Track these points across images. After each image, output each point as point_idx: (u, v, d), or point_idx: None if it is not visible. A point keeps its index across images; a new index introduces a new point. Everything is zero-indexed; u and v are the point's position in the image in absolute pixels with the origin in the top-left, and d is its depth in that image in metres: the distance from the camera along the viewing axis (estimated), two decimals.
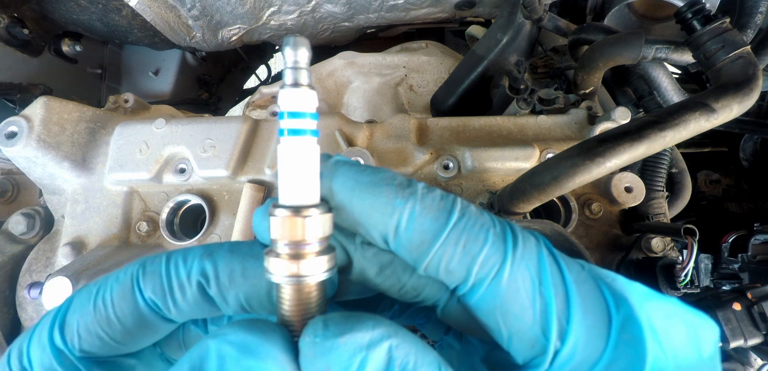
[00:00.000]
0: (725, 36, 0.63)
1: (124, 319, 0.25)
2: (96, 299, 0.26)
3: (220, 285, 0.25)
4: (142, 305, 0.25)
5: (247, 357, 0.21)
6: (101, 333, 0.26)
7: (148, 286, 0.25)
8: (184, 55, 1.51)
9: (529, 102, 0.83)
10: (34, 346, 0.26)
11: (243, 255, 0.25)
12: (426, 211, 0.24)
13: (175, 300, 0.25)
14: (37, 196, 0.87)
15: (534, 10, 0.88)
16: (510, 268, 0.24)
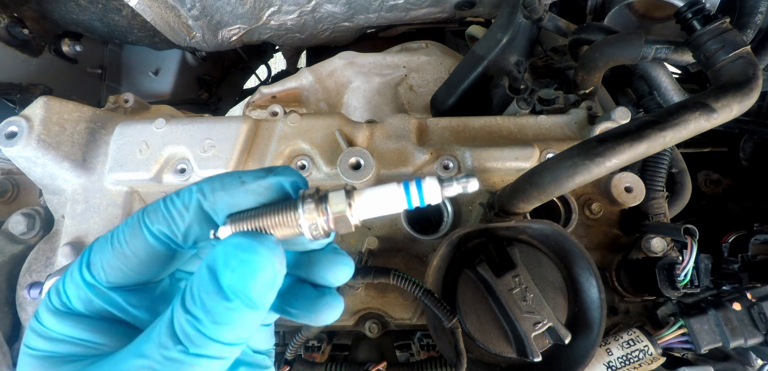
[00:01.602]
0: (725, 36, 0.63)
1: (137, 252, 0.32)
2: (112, 241, 0.32)
3: (209, 201, 0.31)
4: (150, 239, 0.31)
5: (242, 251, 0.28)
6: (121, 266, 0.32)
7: (154, 222, 0.31)
8: (184, 55, 1.51)
9: (529, 102, 0.83)
10: (69, 285, 0.32)
11: (220, 177, 0.32)
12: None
13: (178, 225, 0.31)
14: (37, 196, 0.87)
15: (534, 10, 0.88)
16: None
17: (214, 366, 0.28)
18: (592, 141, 0.56)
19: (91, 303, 0.32)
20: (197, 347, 0.27)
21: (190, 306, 0.28)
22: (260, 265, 0.28)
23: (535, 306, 0.60)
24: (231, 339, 0.28)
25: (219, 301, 0.27)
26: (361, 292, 0.74)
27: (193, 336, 0.27)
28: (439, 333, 0.66)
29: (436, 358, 0.75)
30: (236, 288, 0.27)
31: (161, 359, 0.27)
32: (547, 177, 0.56)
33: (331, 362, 0.73)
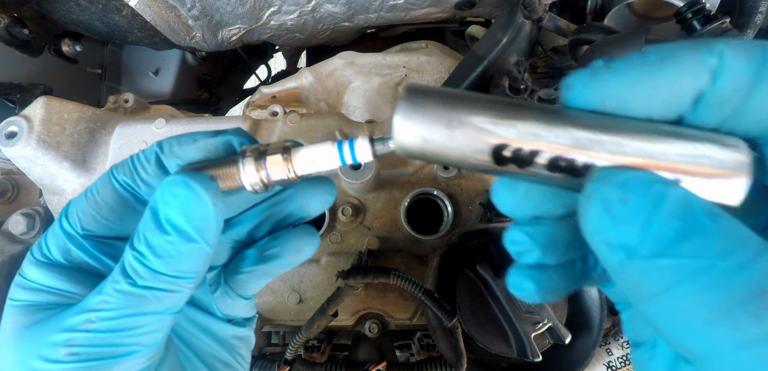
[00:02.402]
0: (725, 36, 0.63)
1: (106, 200, 0.34)
2: (86, 193, 0.35)
3: (165, 155, 0.34)
4: (118, 187, 0.35)
5: (175, 186, 0.30)
6: (93, 213, 0.34)
7: (120, 173, 0.34)
8: (184, 55, 1.51)
9: None
10: (50, 237, 0.35)
11: (178, 136, 0.34)
12: (736, 52, 0.20)
13: (140, 177, 0.34)
14: (37, 196, 0.87)
15: (534, 10, 0.88)
16: None
17: (166, 300, 0.31)
18: None
19: (69, 252, 0.35)
20: (144, 280, 0.30)
21: (136, 243, 0.30)
22: (193, 199, 0.29)
23: (535, 306, 0.60)
24: (175, 271, 0.30)
25: (158, 235, 0.30)
26: (361, 292, 0.74)
27: (139, 270, 0.30)
28: (439, 333, 0.66)
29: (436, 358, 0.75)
30: (172, 221, 0.29)
31: (113, 292, 0.30)
32: None
33: (331, 362, 0.73)
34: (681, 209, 0.19)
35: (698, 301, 0.18)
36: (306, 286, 0.75)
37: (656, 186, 0.20)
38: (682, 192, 0.19)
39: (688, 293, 0.18)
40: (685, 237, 0.18)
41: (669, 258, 0.18)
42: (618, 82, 0.22)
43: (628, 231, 0.19)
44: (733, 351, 0.17)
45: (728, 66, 0.20)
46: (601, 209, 0.20)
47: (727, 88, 0.20)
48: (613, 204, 0.20)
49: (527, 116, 0.23)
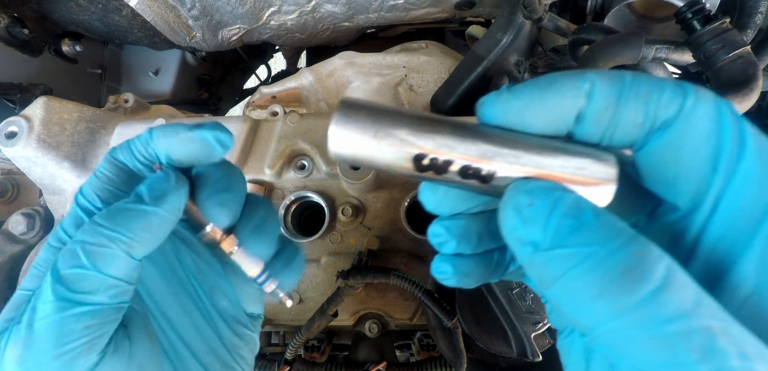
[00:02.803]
0: (725, 36, 0.63)
1: (111, 177, 0.39)
2: (96, 173, 0.39)
3: (153, 144, 0.40)
4: (118, 166, 0.39)
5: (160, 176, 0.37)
6: (103, 187, 0.38)
7: (118, 155, 0.40)
8: (184, 55, 1.51)
9: None
10: (66, 220, 0.37)
11: (167, 126, 0.40)
12: (605, 79, 0.25)
13: (136, 159, 0.40)
14: (37, 196, 0.87)
15: (534, 10, 0.88)
16: (691, 105, 0.25)
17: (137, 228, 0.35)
18: None
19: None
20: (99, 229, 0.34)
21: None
22: (165, 187, 0.37)
23: (535, 306, 0.60)
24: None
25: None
26: (361, 292, 0.74)
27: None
28: (439, 333, 0.66)
29: (436, 358, 0.75)
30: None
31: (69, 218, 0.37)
32: None
33: (331, 362, 0.73)
34: (573, 209, 0.24)
35: (585, 281, 0.22)
36: (306, 286, 0.75)
37: (555, 192, 0.24)
38: (574, 196, 0.24)
39: (577, 276, 0.22)
40: (576, 231, 0.23)
41: (563, 249, 0.23)
42: (517, 102, 0.27)
43: (534, 229, 0.24)
44: (612, 319, 0.21)
45: (598, 89, 0.25)
46: (514, 212, 0.25)
47: (599, 106, 0.25)
48: (522, 208, 0.25)
49: (443, 131, 0.27)
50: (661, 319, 0.20)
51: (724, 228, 0.24)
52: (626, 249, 0.21)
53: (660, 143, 0.26)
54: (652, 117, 0.25)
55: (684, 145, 0.25)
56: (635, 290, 0.20)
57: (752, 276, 0.23)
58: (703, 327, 0.19)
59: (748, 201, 0.24)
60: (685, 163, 0.25)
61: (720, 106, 0.25)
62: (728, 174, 0.24)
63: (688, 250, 0.25)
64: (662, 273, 0.21)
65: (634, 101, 0.25)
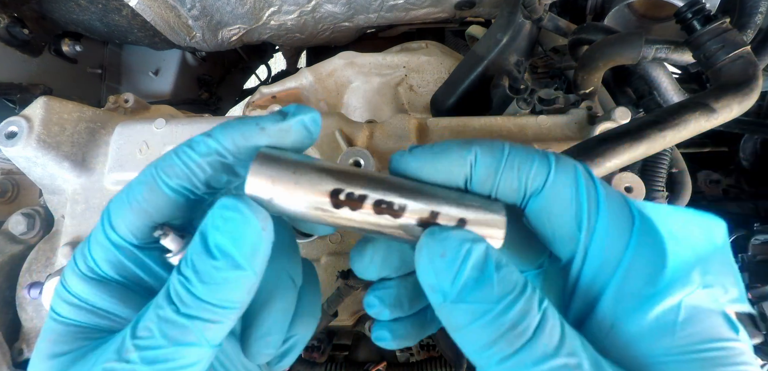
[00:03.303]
0: (725, 36, 0.63)
1: (159, 208, 0.32)
2: (129, 200, 0.32)
3: (228, 150, 0.32)
4: (170, 193, 0.32)
5: (226, 210, 0.29)
6: (145, 223, 0.32)
7: (171, 177, 0.32)
8: (184, 55, 1.51)
9: (529, 102, 0.83)
10: (96, 248, 0.32)
11: (238, 124, 0.33)
12: (486, 151, 0.31)
13: (198, 177, 0.32)
14: (37, 196, 0.87)
15: (534, 10, 0.88)
16: (553, 177, 0.30)
17: (208, 331, 0.29)
18: (591, 141, 0.56)
19: (122, 266, 0.32)
20: (188, 307, 0.28)
21: (182, 267, 0.29)
22: (243, 226, 0.29)
23: None
24: (220, 300, 0.28)
25: (206, 260, 0.28)
26: (361, 292, 0.74)
27: (184, 296, 0.28)
28: (439, 333, 0.66)
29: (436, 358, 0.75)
30: (221, 247, 0.28)
31: (156, 318, 0.28)
32: None
33: (331, 362, 0.73)
34: (479, 263, 0.27)
35: (481, 334, 0.26)
36: None
37: (465, 245, 0.28)
38: (482, 249, 0.28)
39: (474, 329, 0.27)
40: (479, 286, 0.27)
41: (467, 304, 0.27)
42: (414, 163, 0.32)
43: (444, 280, 0.27)
44: (497, 364, 0.26)
45: (480, 160, 0.31)
46: (427, 260, 0.28)
47: (481, 174, 0.31)
48: (435, 258, 0.28)
49: (358, 172, 0.31)
50: (530, 363, 0.25)
51: (592, 273, 0.30)
52: (514, 306, 0.26)
53: (535, 207, 0.31)
54: (524, 185, 0.31)
55: (553, 210, 0.30)
56: (515, 341, 0.25)
57: (611, 311, 0.29)
58: (561, 366, 0.25)
59: (607, 249, 0.29)
60: (557, 223, 0.30)
61: (578, 173, 0.30)
62: (590, 230, 0.29)
63: (569, 292, 0.31)
64: (535, 324, 0.26)
65: (510, 171, 0.30)
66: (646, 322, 0.27)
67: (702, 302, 0.28)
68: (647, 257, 0.28)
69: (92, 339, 0.31)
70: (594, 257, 0.29)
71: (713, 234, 0.29)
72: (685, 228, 0.29)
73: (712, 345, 0.27)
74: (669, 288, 0.27)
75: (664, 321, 0.27)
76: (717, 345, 0.27)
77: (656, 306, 0.27)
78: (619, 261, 0.29)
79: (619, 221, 0.30)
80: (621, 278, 0.29)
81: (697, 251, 0.29)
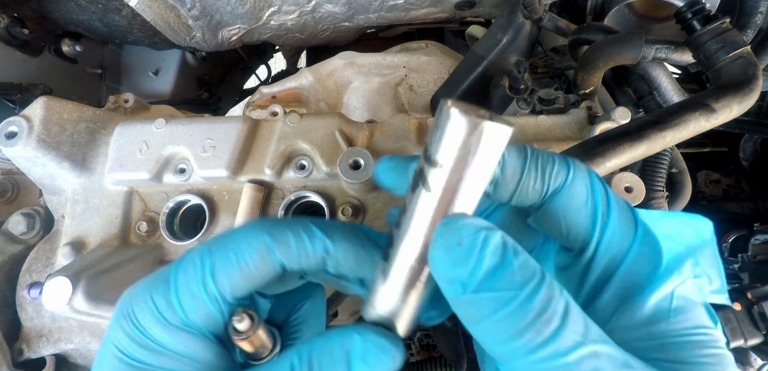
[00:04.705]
0: (725, 36, 0.63)
1: (264, 276, 0.33)
2: (238, 261, 0.32)
3: (337, 264, 0.34)
4: (278, 268, 0.33)
5: (382, 353, 0.30)
6: (247, 285, 0.33)
7: (283, 256, 0.32)
8: (184, 55, 1.51)
9: (529, 102, 0.83)
10: (186, 297, 0.32)
11: (355, 249, 0.34)
12: (512, 151, 0.33)
13: (302, 265, 0.33)
14: (37, 196, 0.87)
15: (534, 10, 0.88)
16: (572, 176, 0.33)
17: None
18: (591, 141, 0.56)
19: (210, 318, 0.32)
20: None
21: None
22: (391, 366, 0.31)
23: None
24: None
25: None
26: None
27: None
28: (439, 333, 0.66)
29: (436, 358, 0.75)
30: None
31: None
32: None
33: None
34: (498, 249, 0.27)
35: (505, 325, 0.25)
36: None
37: (482, 232, 0.27)
38: (499, 235, 0.28)
39: (498, 320, 0.26)
40: (499, 273, 0.26)
41: (488, 293, 0.26)
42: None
43: (462, 270, 0.27)
44: (525, 355, 0.25)
45: (507, 159, 0.32)
46: (444, 252, 0.27)
47: (509, 171, 0.32)
48: (452, 248, 0.27)
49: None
50: (562, 352, 0.25)
51: (602, 265, 0.32)
52: (539, 292, 0.26)
53: (553, 204, 0.33)
54: (547, 184, 0.33)
55: (569, 207, 0.33)
56: (544, 329, 0.25)
57: (616, 298, 0.31)
58: (591, 353, 0.25)
59: (616, 244, 0.32)
60: (572, 219, 0.33)
61: (592, 176, 0.34)
62: (602, 227, 0.32)
63: (579, 282, 0.33)
64: (562, 310, 0.25)
65: (534, 170, 0.33)
66: (645, 309, 0.30)
67: (689, 293, 0.31)
68: (647, 254, 0.32)
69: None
70: (605, 250, 0.32)
71: (701, 231, 0.33)
72: (677, 228, 0.33)
73: (698, 330, 0.30)
74: (665, 276, 0.31)
75: (660, 308, 0.30)
76: (702, 331, 0.30)
77: (654, 293, 0.30)
78: (625, 255, 0.32)
79: (626, 221, 0.33)
80: (626, 270, 0.31)
81: (689, 245, 0.32)
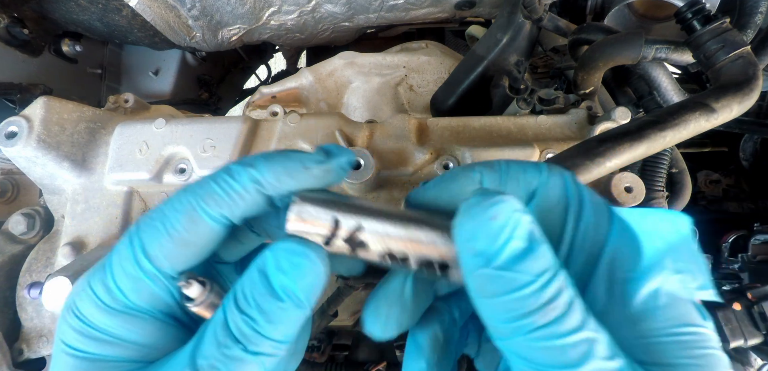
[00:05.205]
0: (725, 36, 0.63)
1: (199, 238, 0.32)
2: (167, 229, 0.31)
3: (273, 186, 0.32)
4: (212, 223, 0.32)
5: (294, 256, 0.30)
6: (183, 252, 0.32)
7: (212, 206, 0.31)
8: (184, 55, 1.51)
9: (529, 102, 0.83)
10: (122, 278, 0.31)
11: (281, 159, 0.33)
12: (489, 169, 0.34)
13: (239, 207, 0.32)
14: (37, 196, 0.87)
15: (534, 10, 0.88)
16: (545, 179, 0.34)
17: (268, 363, 0.30)
18: (591, 141, 0.56)
19: (153, 296, 0.32)
20: (255, 345, 0.29)
21: (244, 307, 0.29)
22: (310, 269, 0.30)
23: None
24: (281, 336, 0.30)
25: (272, 302, 0.29)
26: (361, 292, 0.74)
27: (250, 335, 0.29)
28: None
29: None
30: (288, 289, 0.30)
31: (223, 357, 0.29)
32: None
33: (331, 362, 0.73)
34: (528, 234, 0.28)
35: (515, 305, 0.27)
36: None
37: (518, 213, 0.28)
38: (529, 220, 0.28)
39: (511, 299, 0.27)
40: (525, 257, 0.27)
41: (510, 273, 0.27)
42: (430, 193, 0.36)
43: (491, 245, 0.27)
44: (525, 334, 0.27)
45: (486, 176, 0.34)
46: (475, 223, 0.28)
47: (490, 187, 0.33)
48: (486, 221, 0.28)
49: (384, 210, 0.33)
50: (557, 335, 0.26)
51: (579, 262, 0.32)
52: (551, 283, 0.27)
53: (531, 208, 0.33)
54: (524, 190, 0.33)
55: (545, 207, 0.33)
56: (550, 313, 0.27)
57: (600, 297, 0.32)
58: (585, 339, 0.26)
59: (591, 242, 0.32)
60: (547, 219, 0.33)
61: (565, 178, 0.34)
62: (575, 224, 0.33)
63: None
64: (567, 302, 0.27)
65: (513, 182, 0.34)
66: (632, 307, 0.30)
67: (676, 290, 0.31)
68: (626, 250, 0.32)
69: (122, 369, 0.31)
70: (581, 243, 0.33)
71: (680, 227, 0.33)
72: (655, 225, 0.32)
73: (687, 328, 0.30)
74: (647, 273, 0.31)
75: (648, 306, 0.30)
76: (691, 329, 0.30)
77: (639, 290, 0.30)
78: (602, 248, 0.32)
79: (601, 216, 0.33)
80: (606, 263, 0.32)
81: (668, 242, 0.32)
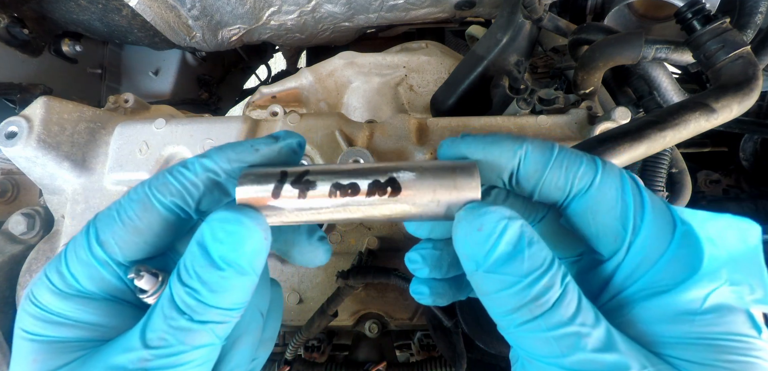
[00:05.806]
0: (725, 36, 0.63)
1: (151, 226, 0.33)
2: (120, 217, 0.33)
3: (224, 171, 0.33)
4: (164, 211, 0.33)
5: (228, 223, 0.30)
6: (136, 240, 0.33)
7: (165, 195, 0.33)
8: (184, 55, 1.51)
9: (529, 102, 0.83)
10: (75, 265, 0.32)
11: (232, 146, 0.34)
12: (536, 148, 0.33)
13: (192, 195, 0.33)
14: (37, 196, 0.87)
15: (534, 10, 0.88)
16: (600, 178, 0.32)
17: (219, 330, 0.31)
18: (591, 141, 0.56)
19: (104, 281, 0.33)
20: (200, 315, 0.30)
21: (186, 280, 0.30)
22: (246, 235, 0.30)
23: None
24: (228, 304, 0.30)
25: (213, 272, 0.30)
26: (360, 292, 0.74)
27: (194, 305, 0.30)
28: (439, 333, 0.66)
29: (436, 358, 0.75)
30: (227, 258, 0.30)
31: (170, 329, 0.30)
32: None
33: (331, 362, 0.73)
34: (514, 239, 0.30)
35: (507, 301, 0.29)
36: (306, 286, 0.75)
37: (503, 221, 0.30)
38: (518, 226, 0.30)
39: (503, 296, 0.30)
40: (510, 260, 0.29)
41: (498, 275, 0.29)
42: (465, 148, 0.34)
43: (479, 251, 0.30)
44: (518, 327, 0.29)
45: (530, 154, 0.33)
46: (465, 232, 0.31)
47: (528, 170, 0.33)
48: (473, 231, 0.30)
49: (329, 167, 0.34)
50: (546, 328, 0.28)
51: (631, 268, 0.32)
52: (540, 281, 0.29)
53: (580, 206, 0.33)
54: (570, 185, 0.32)
55: (598, 209, 0.32)
56: (536, 310, 0.29)
57: (638, 298, 0.31)
58: (573, 332, 0.28)
59: (649, 248, 0.31)
60: (602, 221, 0.32)
61: (623, 178, 0.33)
62: (635, 229, 0.32)
63: (604, 282, 0.34)
64: (556, 297, 0.29)
65: (557, 170, 0.32)
66: (667, 309, 0.30)
67: (728, 299, 0.29)
68: (685, 258, 0.30)
69: (81, 349, 0.32)
70: (635, 254, 0.32)
71: (747, 236, 0.31)
72: (722, 232, 0.31)
73: (728, 337, 0.28)
74: (697, 282, 0.29)
75: (685, 310, 0.29)
76: (734, 338, 0.29)
77: (682, 295, 0.29)
78: (658, 260, 0.31)
79: (663, 225, 0.31)
80: (655, 273, 0.31)
81: (731, 253, 0.31)
